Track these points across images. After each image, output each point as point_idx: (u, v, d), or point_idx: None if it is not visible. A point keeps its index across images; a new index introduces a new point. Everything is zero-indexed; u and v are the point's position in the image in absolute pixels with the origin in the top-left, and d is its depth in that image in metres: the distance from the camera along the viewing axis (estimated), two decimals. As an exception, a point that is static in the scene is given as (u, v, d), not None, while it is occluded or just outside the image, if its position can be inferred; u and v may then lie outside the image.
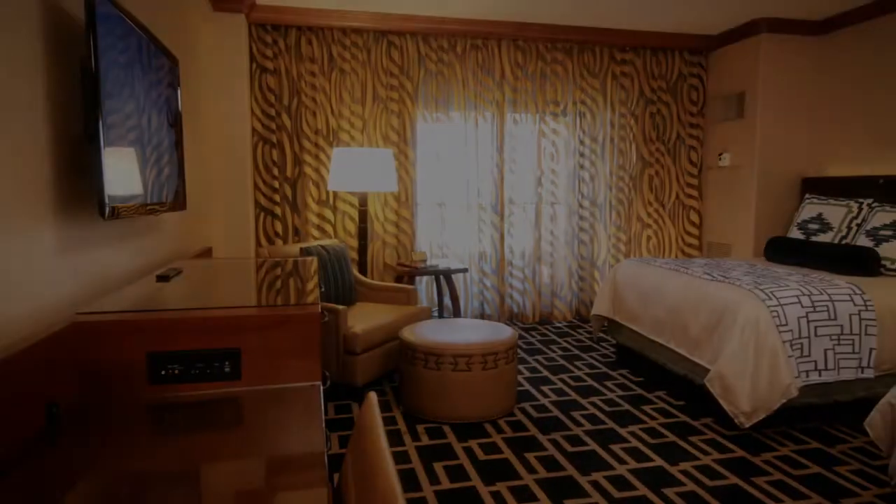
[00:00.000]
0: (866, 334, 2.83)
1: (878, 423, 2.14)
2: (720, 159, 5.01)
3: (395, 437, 2.81)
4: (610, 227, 5.17)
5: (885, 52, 4.09)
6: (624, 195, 5.15)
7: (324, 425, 1.20)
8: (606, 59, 5.01)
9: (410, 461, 2.57)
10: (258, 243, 4.46)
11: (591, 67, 5.00)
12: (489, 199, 4.92)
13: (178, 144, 2.62)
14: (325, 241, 3.82)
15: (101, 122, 1.49)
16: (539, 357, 4.13)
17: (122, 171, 1.69)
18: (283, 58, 4.40)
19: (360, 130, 4.59)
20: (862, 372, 2.84)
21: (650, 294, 3.51)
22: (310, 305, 1.55)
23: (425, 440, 2.78)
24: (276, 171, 4.43)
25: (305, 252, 3.51)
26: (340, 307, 3.17)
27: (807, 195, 4.36)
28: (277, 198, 4.45)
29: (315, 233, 4.56)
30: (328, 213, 4.58)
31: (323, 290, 3.39)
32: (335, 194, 4.60)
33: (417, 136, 4.74)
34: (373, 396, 1.11)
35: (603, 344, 4.48)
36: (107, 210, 1.51)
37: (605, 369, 3.87)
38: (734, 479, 2.42)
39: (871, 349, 2.84)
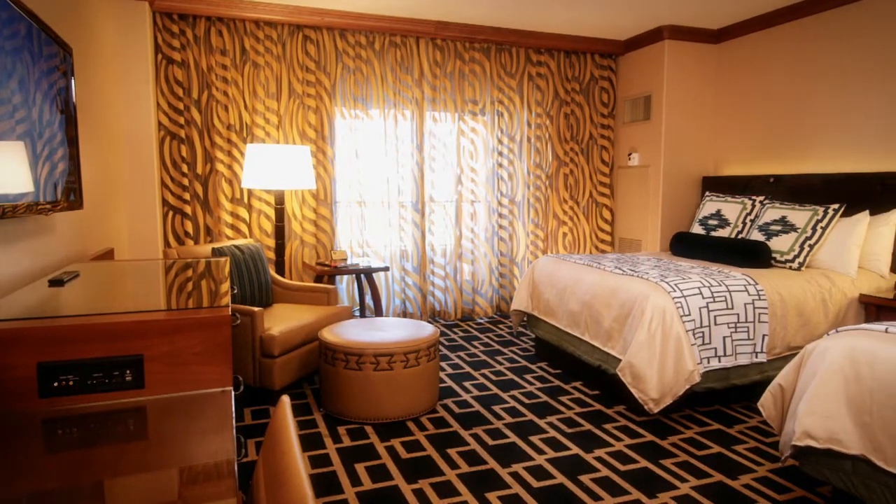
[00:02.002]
0: (760, 322, 3.06)
1: (770, 404, 2.32)
2: (630, 159, 5.26)
3: (315, 440, 2.75)
4: (528, 225, 5.30)
5: (775, 61, 4.43)
6: (541, 193, 5.30)
7: (235, 432, 1.15)
8: (523, 61, 5.13)
9: (332, 464, 2.52)
10: (166, 244, 4.23)
11: (508, 68, 5.10)
12: (410, 198, 4.91)
13: (74, 139, 2.44)
14: (240, 241, 3.68)
15: (-22, 113, 1.36)
16: (461, 353, 4.17)
17: (8, 167, 1.55)
18: (191, 49, 4.20)
19: (275, 126, 4.45)
20: (756, 357, 3.06)
21: (566, 289, 3.63)
22: (219, 308, 1.48)
23: (347, 441, 2.74)
24: (185, 168, 4.22)
25: (218, 252, 3.37)
26: (256, 309, 3.06)
27: (707, 193, 4.66)
28: (187, 196, 4.23)
29: (229, 232, 4.39)
30: (242, 212, 4.41)
31: (236, 291, 3.27)
32: (250, 192, 4.44)
33: (336, 132, 4.66)
34: (285, 400, 1.08)
35: (523, 338, 4.59)
36: (-13, 209, 1.38)
37: (524, 363, 3.96)
38: (644, 463, 2.54)
39: (763, 335, 3.07)
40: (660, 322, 2.85)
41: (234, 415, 1.25)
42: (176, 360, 1.41)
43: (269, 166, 3.83)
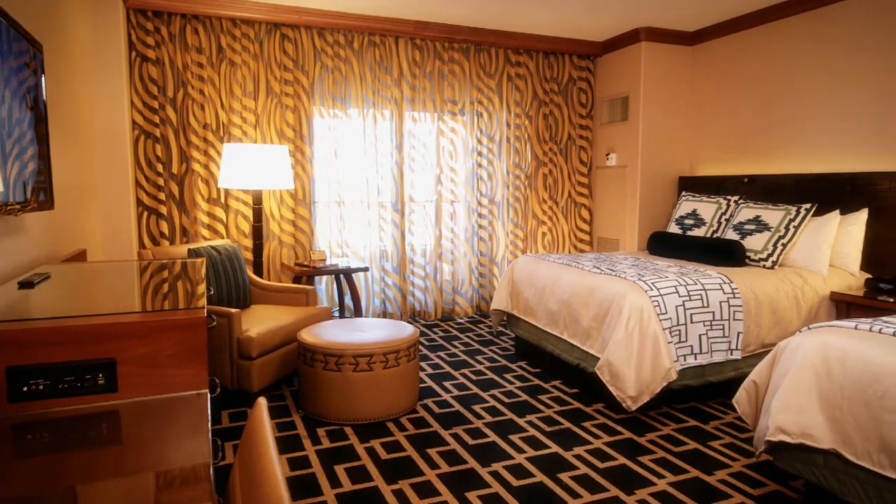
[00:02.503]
0: (734, 319, 3.11)
1: (745, 400, 2.36)
2: (607, 159, 5.31)
3: (294, 442, 2.73)
4: (508, 225, 5.32)
5: (748, 63, 4.51)
6: (520, 193, 5.32)
7: (211, 435, 1.14)
8: (502, 61, 5.15)
9: (311, 465, 2.50)
10: (141, 245, 4.16)
11: (487, 68, 5.11)
12: (389, 198, 4.90)
13: (44, 138, 2.39)
14: (217, 242, 3.63)
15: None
16: (441, 353, 4.17)
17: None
18: (166, 47, 4.13)
19: (252, 125, 4.41)
20: (731, 354, 3.11)
21: (545, 288, 3.65)
22: (194, 310, 1.46)
23: (326, 443, 2.73)
24: (160, 168, 4.16)
25: (194, 253, 3.32)
26: (234, 310, 3.03)
27: (683, 193, 4.72)
28: (163, 196, 4.17)
29: (205, 233, 4.33)
30: (219, 212, 4.36)
31: (212, 292, 3.23)
32: (227, 192, 4.39)
33: (314, 132, 4.63)
34: (261, 402, 1.07)
35: (503, 337, 4.61)
36: (-48, 209, 1.34)
37: (504, 362, 3.98)
38: (623, 460, 2.57)
39: (738, 333, 3.12)
40: (637, 321, 2.88)
41: (209, 418, 1.24)
42: (150, 362, 1.39)
43: (246, 166, 3.79)
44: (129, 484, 0.98)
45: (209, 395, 1.40)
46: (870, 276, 3.57)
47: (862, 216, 3.57)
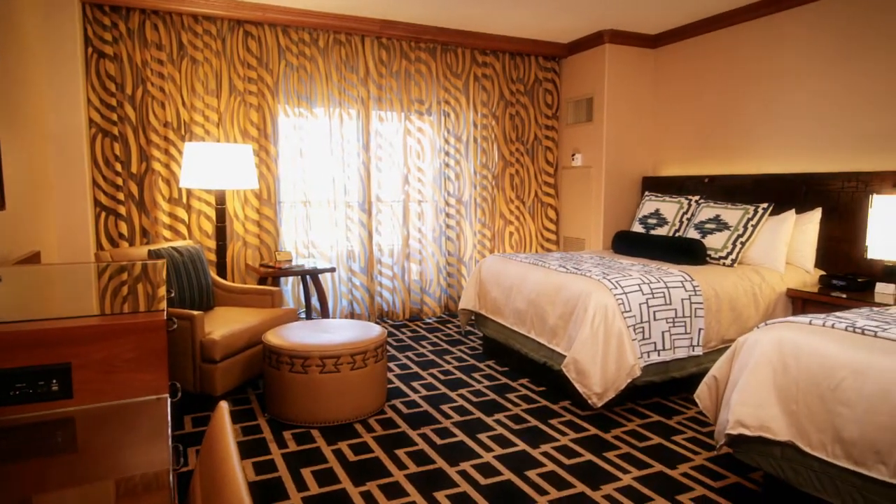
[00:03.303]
0: (696, 316, 3.19)
1: (706, 395, 2.41)
2: (573, 159, 5.38)
3: (260, 446, 2.69)
4: (475, 224, 5.34)
5: (708, 66, 4.62)
6: (488, 193, 5.35)
7: (171, 441, 1.11)
8: (468, 61, 5.16)
9: (277, 469, 2.47)
10: (99, 246, 4.04)
11: (454, 68, 5.12)
12: (356, 197, 4.87)
13: (-7, 135, 2.30)
14: (178, 243, 3.55)
15: None
16: (409, 353, 4.16)
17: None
18: (124, 42, 4.02)
19: (215, 124, 4.32)
20: (693, 350, 3.19)
21: (512, 287, 3.67)
22: (153, 312, 1.43)
23: (293, 446, 2.69)
24: (119, 167, 4.04)
25: (154, 255, 3.24)
26: (196, 313, 2.96)
27: (646, 193, 4.81)
28: (121, 196, 4.05)
29: (167, 234, 4.23)
30: (181, 213, 4.26)
31: (172, 294, 3.15)
32: (189, 192, 4.30)
33: (279, 131, 4.56)
34: (223, 405, 1.05)
35: (471, 337, 4.62)
36: None
37: (472, 361, 3.99)
38: (589, 456, 2.60)
39: (700, 329, 3.19)
40: (602, 319, 2.93)
41: (170, 423, 1.20)
42: (107, 367, 1.35)
43: (208, 165, 3.71)
44: (86, 493, 0.95)
45: (170, 400, 1.37)
46: (823, 272, 3.70)
47: (816, 215, 3.70)
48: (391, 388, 3.46)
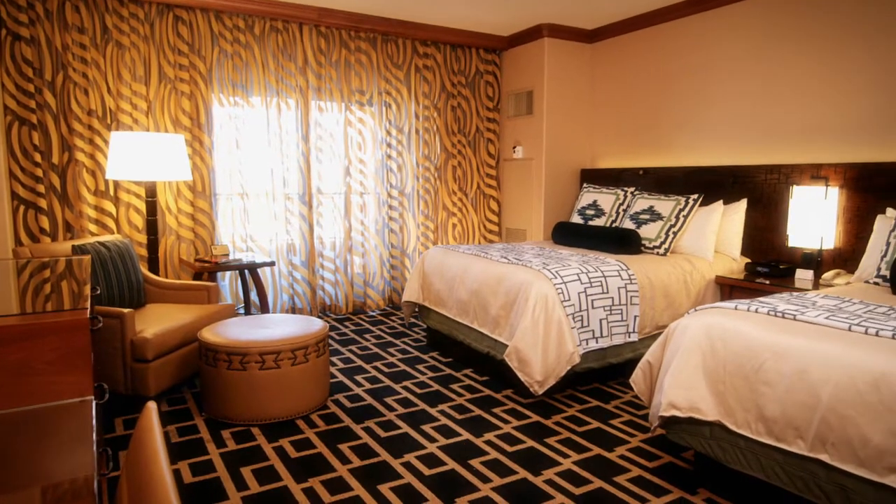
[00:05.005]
0: (631, 304, 3.30)
1: (640, 379, 2.50)
2: (514, 152, 5.44)
3: (197, 447, 2.60)
4: (419, 216, 5.33)
5: (642, 61, 4.77)
6: (430, 185, 5.34)
7: (96, 446, 1.06)
8: (409, 52, 5.12)
9: (215, 470, 2.40)
10: (18, 242, 3.79)
11: (395, 59, 5.08)
12: (296, 189, 4.76)
13: None
14: (106, 238, 3.38)
15: None
16: (353, 347, 4.13)
17: None
18: (42, 25, 3.77)
19: (144, 112, 4.12)
20: (629, 336, 3.30)
21: (455, 279, 3.69)
22: (76, 311, 1.35)
23: (232, 445, 2.62)
24: (38, 157, 3.80)
25: (78, 250, 3.07)
26: (126, 310, 2.83)
27: (584, 184, 4.93)
28: (42, 188, 3.81)
29: (93, 228, 4.01)
30: (108, 206, 4.05)
31: (97, 291, 3.00)
32: (116, 184, 4.09)
33: (214, 120, 4.40)
34: (150, 406, 1.01)
35: (415, 329, 4.62)
36: None
37: (416, 353, 3.99)
38: (531, 443, 2.65)
39: (635, 316, 3.31)
40: (542, 308, 2.98)
41: (95, 426, 1.15)
42: (25, 370, 1.27)
43: (137, 156, 3.54)
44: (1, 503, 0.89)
45: (96, 402, 1.30)
46: (749, 260, 3.90)
47: (742, 206, 3.89)
48: (334, 383, 3.42)
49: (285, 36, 4.58)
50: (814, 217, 3.39)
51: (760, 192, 3.88)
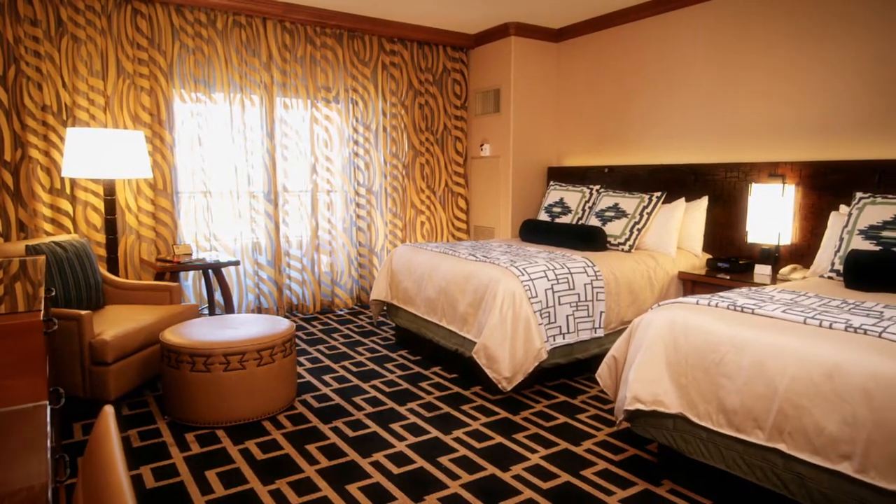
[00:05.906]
0: (597, 300, 3.34)
1: (606, 374, 2.54)
2: (482, 150, 5.46)
3: (160, 451, 2.54)
4: (386, 214, 5.30)
5: (607, 61, 4.83)
6: (398, 182, 5.32)
7: (50, 452, 1.02)
8: (376, 49, 5.09)
9: (179, 474, 2.35)
10: (-32, 242, 3.64)
11: (362, 56, 5.04)
12: (261, 187, 4.69)
13: None
14: (62, 237, 3.27)
15: None
16: (321, 346, 4.08)
17: None
18: (-9, 16, 3.62)
19: (101, 108, 4.00)
20: (595, 332, 3.34)
21: (423, 276, 3.69)
22: (28, 313, 1.31)
23: (196, 448, 2.57)
24: (-11, 154, 3.65)
25: (32, 250, 2.97)
26: (83, 312, 2.75)
27: (551, 182, 4.98)
28: (-7, 186, 3.67)
29: (48, 227, 3.88)
30: (65, 205, 3.92)
31: (53, 293, 2.91)
32: (73, 182, 3.96)
33: (175, 117, 4.30)
34: (108, 409, 0.98)
35: (383, 327, 4.60)
36: None
37: (385, 352, 3.98)
38: (499, 439, 2.67)
39: (601, 312, 3.35)
40: (510, 305, 3.00)
41: (49, 432, 1.11)
42: (-26, 375, 1.22)
43: (95, 153, 3.43)
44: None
45: (50, 407, 1.26)
46: (710, 256, 4.00)
47: (703, 203, 3.98)
48: (301, 383, 3.38)
49: (249, 31, 4.50)
50: (772, 214, 3.50)
51: (721, 189, 3.98)
